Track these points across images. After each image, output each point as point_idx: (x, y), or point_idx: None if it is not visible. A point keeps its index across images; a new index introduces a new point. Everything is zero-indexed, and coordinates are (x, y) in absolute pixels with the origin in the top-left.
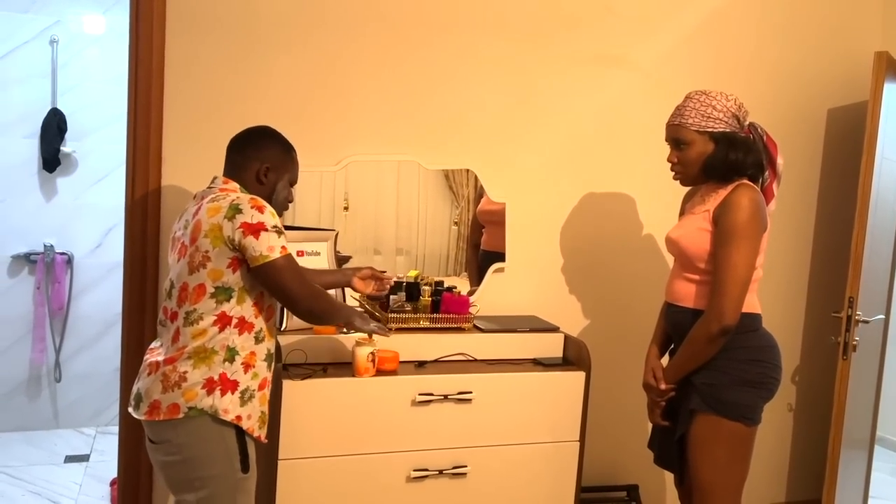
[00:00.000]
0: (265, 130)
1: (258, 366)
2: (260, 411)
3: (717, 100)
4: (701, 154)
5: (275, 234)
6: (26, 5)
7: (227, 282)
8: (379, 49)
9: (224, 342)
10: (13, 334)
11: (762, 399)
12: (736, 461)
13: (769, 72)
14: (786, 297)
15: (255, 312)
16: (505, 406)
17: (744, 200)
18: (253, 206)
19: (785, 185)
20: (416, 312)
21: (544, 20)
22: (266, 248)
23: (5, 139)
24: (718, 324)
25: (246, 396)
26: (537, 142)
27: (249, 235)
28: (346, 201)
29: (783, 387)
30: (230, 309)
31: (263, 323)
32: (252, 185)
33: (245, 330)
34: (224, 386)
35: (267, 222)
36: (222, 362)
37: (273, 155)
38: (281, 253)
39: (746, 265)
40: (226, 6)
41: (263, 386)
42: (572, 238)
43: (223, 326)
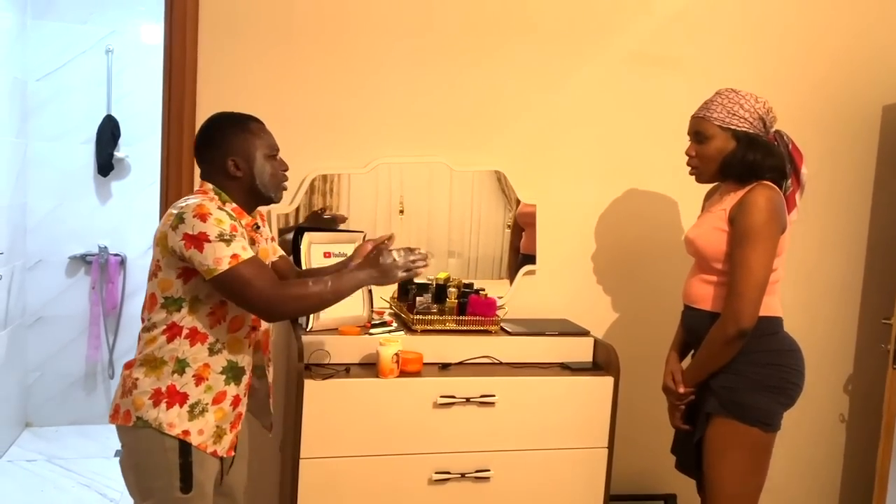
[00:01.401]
0: (212, 122)
1: (212, 378)
2: (215, 426)
3: (746, 99)
4: (720, 150)
5: (221, 244)
6: (84, 17)
7: (177, 292)
8: (407, 51)
9: (173, 353)
10: (71, 332)
11: (781, 405)
12: (752, 467)
13: (819, 68)
14: (838, 303)
15: (210, 322)
16: (529, 410)
17: (761, 200)
18: (195, 216)
19: (838, 185)
20: (443, 314)
21: (577, 19)
22: (212, 260)
23: (64, 145)
24: (735, 326)
25: (196, 410)
26: (569, 143)
27: (192, 248)
28: (401, 205)
29: (834, 396)
30: (180, 319)
31: (224, 334)
32: (229, 183)
33: (198, 341)
34: (171, 398)
35: (210, 232)
36: (171, 374)
37: (232, 143)
38: (230, 264)
39: (763, 266)
40: (257, 12)
41: (220, 399)
42: (604, 240)
43: (172, 337)
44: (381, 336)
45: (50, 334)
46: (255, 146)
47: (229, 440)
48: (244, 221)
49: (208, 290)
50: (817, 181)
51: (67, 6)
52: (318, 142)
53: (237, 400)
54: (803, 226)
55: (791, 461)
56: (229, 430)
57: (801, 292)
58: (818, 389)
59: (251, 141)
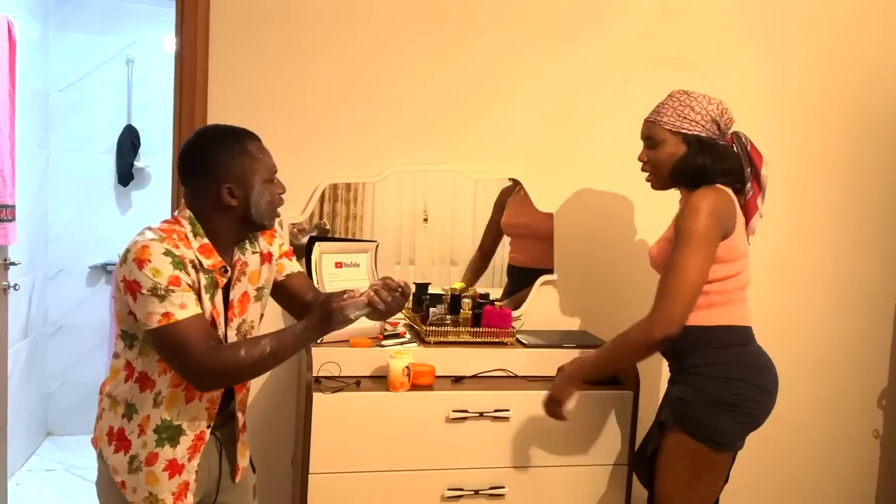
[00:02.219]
0: (203, 141)
1: (148, 434)
2: (147, 491)
3: (698, 101)
4: (672, 155)
5: (154, 299)
6: (105, 28)
7: (130, 328)
8: (419, 57)
9: (125, 395)
10: (91, 341)
11: (740, 424)
12: (695, 483)
13: (845, 67)
14: (871, 314)
15: (159, 370)
16: (545, 425)
17: (701, 203)
18: (135, 259)
19: (867, 191)
20: (457, 326)
21: (595, 26)
22: (144, 314)
23: (85, 155)
24: (664, 330)
25: (134, 465)
26: (586, 149)
27: (128, 294)
28: (425, 213)
29: (868, 411)
30: (133, 358)
31: (165, 386)
32: (216, 213)
33: (147, 387)
34: (119, 442)
35: (143, 283)
36: (121, 416)
37: (228, 167)
38: (159, 322)
39: (699, 270)
40: (269, 21)
41: (152, 462)
42: (623, 249)
43: (128, 377)
44: (392, 348)
45: (70, 343)
46: (255, 171)
47: None
48: (209, 262)
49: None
50: (844, 188)
51: (89, 18)
52: (331, 150)
53: (174, 465)
54: (832, 236)
55: (824, 477)
56: (171, 501)
57: (832, 304)
58: (851, 404)
59: (250, 165)
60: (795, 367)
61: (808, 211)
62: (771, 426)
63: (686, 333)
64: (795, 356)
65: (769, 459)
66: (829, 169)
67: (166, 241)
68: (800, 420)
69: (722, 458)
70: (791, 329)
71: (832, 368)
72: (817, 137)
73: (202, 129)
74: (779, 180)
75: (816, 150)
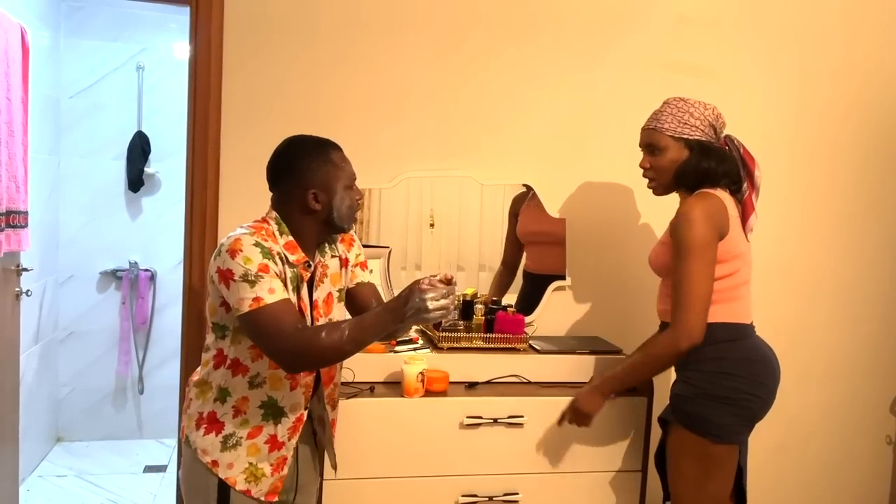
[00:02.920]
0: (292, 150)
1: (250, 412)
2: (247, 462)
3: (695, 107)
4: (674, 161)
5: (245, 284)
6: (116, 35)
7: (221, 319)
8: (432, 65)
9: (217, 380)
10: (101, 347)
11: (736, 417)
12: (705, 477)
13: (856, 75)
14: (882, 320)
15: (252, 356)
16: (559, 431)
17: (694, 211)
18: (228, 250)
19: (877, 198)
20: (470, 332)
21: (608, 32)
22: (236, 300)
23: (95, 161)
24: (688, 341)
25: (230, 443)
26: (599, 155)
27: (222, 283)
28: (431, 218)
29: (880, 417)
30: (226, 347)
31: (265, 368)
32: (302, 216)
33: (239, 372)
34: (210, 425)
35: (235, 271)
36: (213, 401)
37: (314, 174)
38: (250, 307)
39: (705, 277)
40: (282, 28)
41: (254, 435)
42: (635, 256)
43: (218, 364)
44: (405, 354)
45: (81, 349)
46: (338, 178)
47: (269, 484)
48: (294, 258)
49: None
50: (853, 194)
51: (100, 25)
52: None
53: (275, 441)
54: (842, 242)
55: (837, 483)
56: (269, 472)
57: (843, 310)
58: (863, 410)
59: (333, 173)
60: (808, 373)
61: (818, 217)
62: (785, 432)
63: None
64: (808, 363)
65: (783, 466)
66: (838, 175)
67: (256, 235)
68: (812, 426)
69: (724, 450)
70: (803, 336)
71: (844, 375)
72: (826, 143)
73: (291, 137)
74: (788, 186)
75: (825, 156)
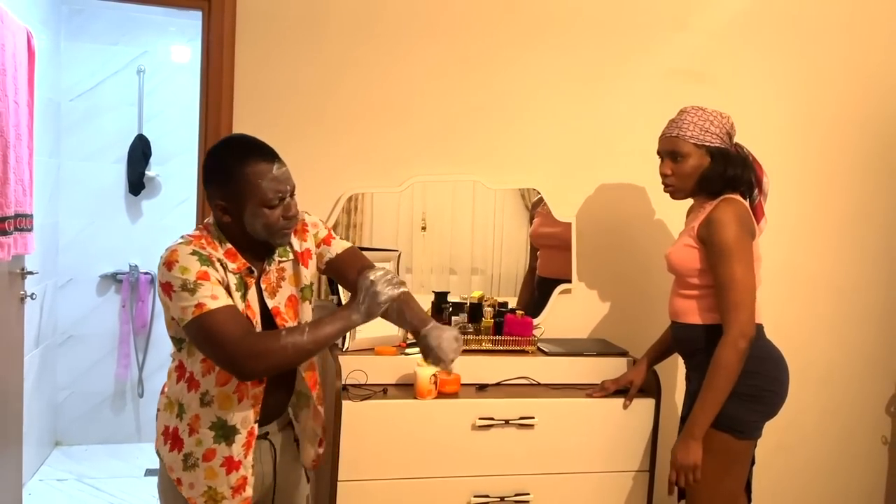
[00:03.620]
0: (215, 152)
1: (202, 433)
2: (206, 485)
3: (714, 115)
4: (696, 167)
5: (185, 294)
6: (116, 38)
7: (176, 332)
8: (441, 70)
9: (177, 395)
10: (100, 350)
11: (757, 412)
12: (724, 473)
13: (857, 83)
14: (879, 322)
15: (202, 370)
16: (570, 432)
17: (727, 216)
18: (165, 263)
19: (876, 202)
20: (479, 334)
21: (615, 38)
22: (179, 311)
23: (96, 164)
24: (745, 339)
25: (189, 462)
26: (605, 160)
27: (165, 296)
28: (423, 221)
29: (876, 418)
30: (185, 359)
31: (212, 385)
32: (223, 228)
33: (192, 388)
34: (173, 441)
35: (174, 283)
36: (175, 416)
37: (222, 185)
38: (193, 314)
39: (748, 275)
40: (293, 32)
41: (209, 458)
42: (642, 259)
43: (179, 377)
44: (418, 357)
45: (80, 353)
46: (247, 195)
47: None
48: (234, 265)
49: None
50: (855, 199)
51: (100, 28)
52: (354, 161)
53: (231, 462)
54: (842, 246)
55: (834, 483)
56: (229, 495)
57: (841, 313)
58: (859, 411)
59: (243, 189)
60: (806, 374)
61: (818, 221)
62: (784, 433)
63: (705, 331)
64: (806, 364)
65: (782, 466)
66: (839, 180)
67: (193, 244)
68: (811, 427)
69: (744, 446)
70: (802, 338)
71: (842, 376)
72: (827, 149)
73: (223, 139)
74: (789, 191)
75: (826, 162)
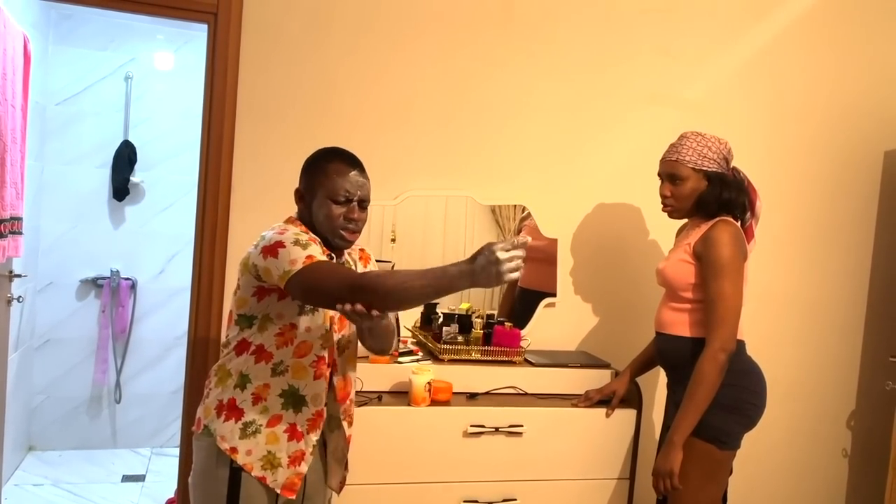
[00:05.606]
0: (315, 152)
1: (270, 400)
2: (265, 450)
3: (712, 141)
4: (694, 190)
5: (297, 247)
6: (104, 44)
7: (250, 310)
8: (438, 88)
9: (238, 367)
10: (78, 355)
11: (739, 424)
12: (706, 482)
13: (823, 112)
14: (839, 341)
15: (277, 343)
16: (555, 441)
17: (725, 236)
18: (275, 233)
19: (840, 225)
20: (468, 344)
21: (600, 63)
22: (288, 262)
23: (79, 169)
24: (724, 353)
25: (249, 430)
26: (590, 178)
27: (269, 257)
28: (393, 233)
29: (837, 431)
30: (250, 335)
31: (289, 356)
32: (301, 213)
33: (262, 359)
34: (229, 412)
35: (286, 239)
36: (233, 387)
37: (306, 173)
38: (304, 262)
39: (737, 294)
40: (296, 45)
41: (274, 423)
42: (623, 275)
43: (240, 351)
44: (413, 365)
45: (57, 357)
46: (320, 184)
47: (285, 476)
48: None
49: (280, 310)
50: (821, 221)
51: (89, 33)
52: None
53: (294, 430)
54: (807, 265)
55: (797, 492)
56: (286, 464)
57: (805, 330)
58: (822, 424)
59: (320, 179)
60: (771, 389)
61: (785, 242)
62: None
63: (691, 345)
64: (771, 379)
65: (751, 475)
66: (806, 205)
67: (295, 227)
68: (776, 439)
69: (726, 456)
70: (768, 353)
71: (805, 391)
72: (795, 173)
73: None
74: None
75: (794, 188)
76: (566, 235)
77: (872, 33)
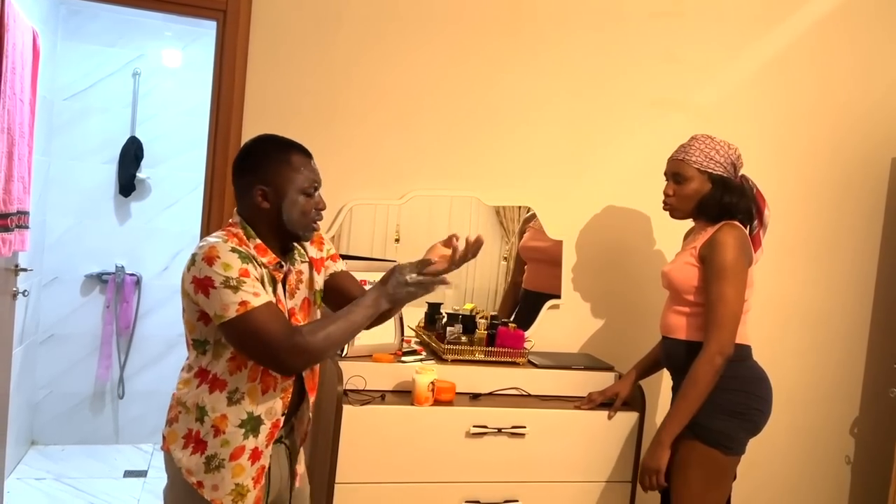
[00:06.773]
0: (253, 144)
1: (229, 432)
2: (233, 483)
3: (721, 146)
4: (697, 191)
5: (228, 291)
6: (113, 40)
7: (200, 334)
8: (446, 90)
9: (195, 399)
10: (82, 350)
11: (745, 430)
12: (710, 487)
13: (832, 119)
14: (842, 348)
15: (229, 368)
16: (558, 442)
17: (729, 240)
18: (204, 258)
19: (846, 233)
20: (472, 345)
21: (605, 67)
22: (219, 307)
23: (85, 164)
24: (721, 356)
25: (213, 464)
26: (596, 181)
27: (200, 293)
28: (397, 233)
29: (840, 439)
30: (207, 363)
31: (244, 382)
32: (256, 215)
33: (216, 388)
34: (196, 445)
35: (215, 278)
36: (194, 420)
37: (266, 170)
38: (238, 311)
39: (738, 299)
40: (303, 45)
41: (237, 455)
42: (628, 277)
43: (200, 382)
44: (417, 364)
45: (60, 352)
46: (290, 180)
47: (253, 497)
48: (265, 259)
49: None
50: (827, 229)
51: (98, 29)
52: (358, 172)
53: (256, 453)
54: (812, 271)
55: (797, 500)
56: (251, 486)
57: (809, 338)
58: (825, 431)
59: (286, 174)
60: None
61: (790, 250)
62: (754, 450)
63: (695, 349)
64: (775, 385)
65: (752, 482)
66: (812, 213)
67: (230, 241)
68: (779, 445)
69: (731, 461)
70: (772, 359)
71: (809, 397)
72: (802, 183)
73: (259, 136)
74: None
75: (800, 195)
76: (571, 237)
77: (882, 42)
